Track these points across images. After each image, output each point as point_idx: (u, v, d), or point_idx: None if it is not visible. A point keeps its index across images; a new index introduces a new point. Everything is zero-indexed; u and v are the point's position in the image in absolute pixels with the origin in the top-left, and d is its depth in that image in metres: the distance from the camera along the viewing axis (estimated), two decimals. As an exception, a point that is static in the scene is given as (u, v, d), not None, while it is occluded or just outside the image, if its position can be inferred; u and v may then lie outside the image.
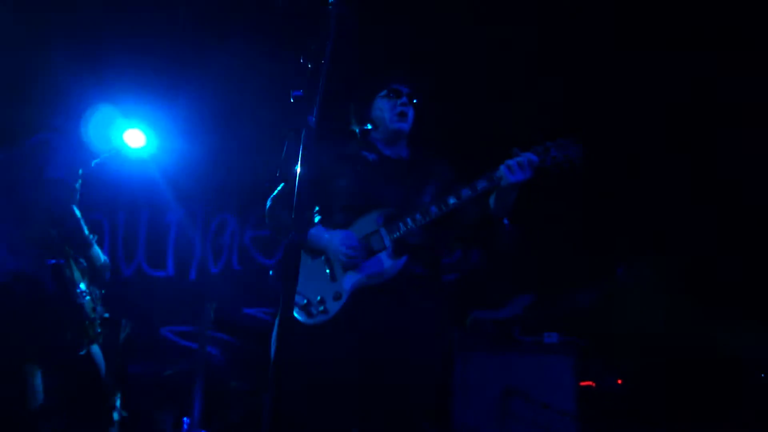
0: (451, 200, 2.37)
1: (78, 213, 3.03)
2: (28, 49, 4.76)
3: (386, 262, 2.36)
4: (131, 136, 5.82)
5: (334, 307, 2.33)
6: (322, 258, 2.42)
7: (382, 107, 2.61)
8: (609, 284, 4.61)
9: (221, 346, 5.36)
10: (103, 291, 3.33)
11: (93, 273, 3.19)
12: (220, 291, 5.67)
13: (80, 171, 3.09)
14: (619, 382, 4.94)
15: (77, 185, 3.06)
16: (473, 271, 5.22)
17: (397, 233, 2.37)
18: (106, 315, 4.46)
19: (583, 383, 4.89)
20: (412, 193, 2.52)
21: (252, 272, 5.95)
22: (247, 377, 4.72)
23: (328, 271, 2.39)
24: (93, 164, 3.22)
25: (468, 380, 3.76)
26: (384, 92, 2.61)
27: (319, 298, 2.33)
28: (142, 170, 5.98)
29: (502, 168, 2.32)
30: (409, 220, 2.38)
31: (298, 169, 1.82)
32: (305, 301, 2.33)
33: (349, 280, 2.36)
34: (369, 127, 2.64)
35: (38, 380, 3.10)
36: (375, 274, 2.35)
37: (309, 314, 2.31)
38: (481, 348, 3.89)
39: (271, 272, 2.48)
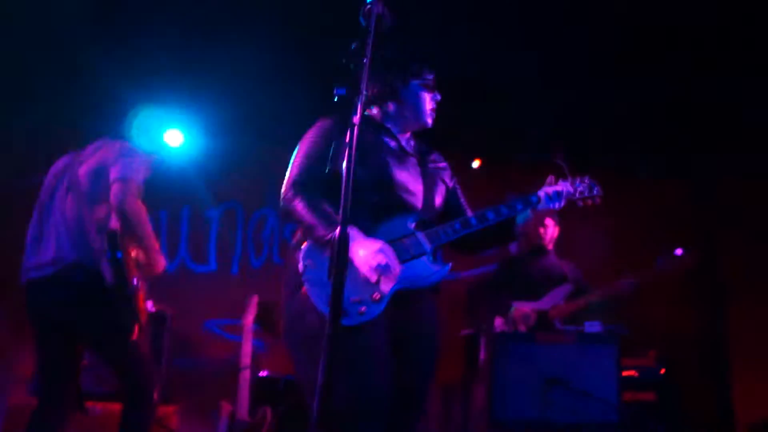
0: (490, 215, 2.42)
1: (142, 212, 3.16)
2: (65, 49, 4.87)
3: (430, 267, 2.31)
4: (170, 136, 6.00)
5: (374, 309, 2.21)
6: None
7: (420, 94, 2.47)
8: (648, 273, 4.57)
9: (264, 338, 5.48)
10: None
11: (147, 269, 3.31)
12: (262, 284, 5.75)
13: (143, 171, 3.22)
14: (662, 372, 4.93)
15: (141, 184, 3.20)
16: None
17: (438, 241, 2.34)
18: (152, 309, 4.64)
19: (625, 373, 4.90)
20: (431, 191, 2.48)
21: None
22: (289, 368, 4.80)
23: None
24: (152, 164, 3.33)
25: (508, 371, 3.77)
26: (427, 78, 2.48)
27: (356, 297, 2.20)
28: (182, 168, 6.14)
29: (540, 194, 2.52)
30: (449, 230, 2.37)
31: (344, 164, 1.83)
32: None
33: (389, 284, 2.24)
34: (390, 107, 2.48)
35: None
36: (419, 278, 2.30)
37: (346, 314, 2.15)
38: (520, 339, 3.90)
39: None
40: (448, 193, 2.60)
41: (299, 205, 2.26)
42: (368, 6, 1.96)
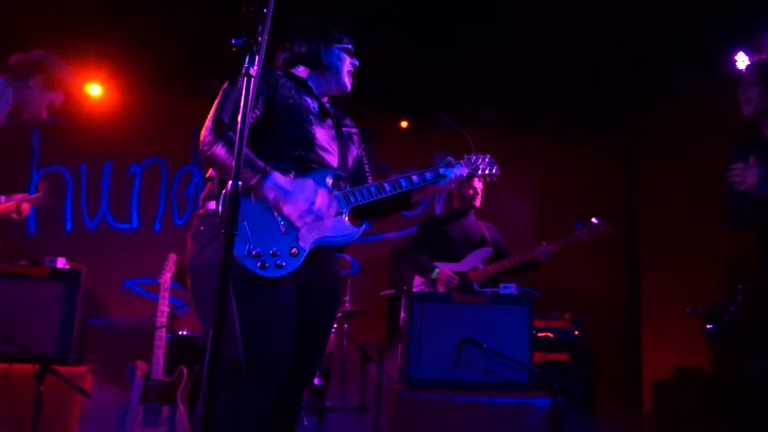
0: (404, 183, 2.52)
1: None
2: None
3: (348, 226, 2.35)
4: (90, 88, 5.78)
5: (291, 263, 2.20)
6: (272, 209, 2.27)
7: (341, 57, 2.54)
8: (566, 239, 4.67)
9: (183, 296, 5.40)
10: None
11: None
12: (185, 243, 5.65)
13: None
14: (576, 333, 5.10)
15: None
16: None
17: (354, 202, 2.39)
18: (66, 266, 4.51)
19: (541, 334, 5.04)
20: (345, 151, 2.55)
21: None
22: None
23: (282, 222, 2.24)
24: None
25: (424, 331, 3.81)
26: (347, 45, 2.57)
27: (273, 250, 2.19)
28: (104, 122, 5.93)
29: (447, 170, 2.61)
30: (365, 192, 2.43)
31: (240, 118, 1.80)
32: (258, 250, 2.17)
33: (309, 238, 2.25)
34: (315, 71, 2.54)
35: None
36: (337, 237, 2.33)
37: (263, 265, 2.16)
38: (437, 299, 3.95)
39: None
40: (358, 157, 2.68)
41: (221, 151, 2.17)
42: None
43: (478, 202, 4.91)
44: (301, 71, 2.54)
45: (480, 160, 2.78)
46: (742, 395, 3.93)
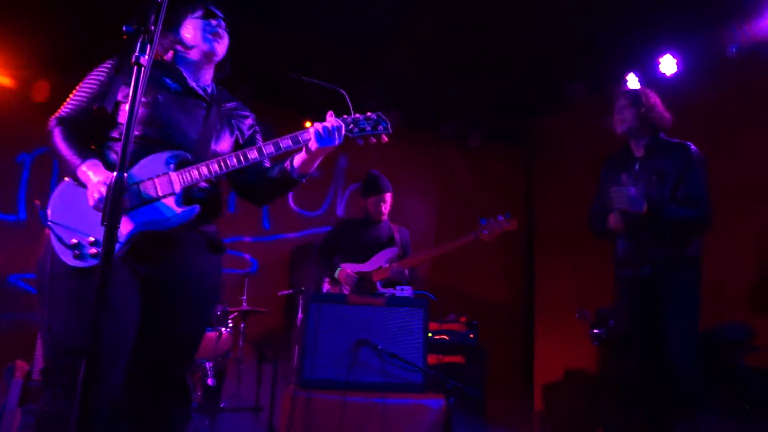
0: (251, 155, 2.31)
1: None
2: None
3: (172, 210, 2.20)
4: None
5: None
6: (97, 196, 2.15)
7: (195, 26, 2.46)
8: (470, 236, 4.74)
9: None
10: None
11: None
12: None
13: None
14: (471, 336, 5.21)
15: None
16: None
17: (190, 181, 2.23)
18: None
19: (437, 337, 5.12)
20: (209, 135, 2.39)
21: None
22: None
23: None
24: None
25: (319, 332, 3.80)
26: (199, 13, 2.47)
27: (92, 240, 2.12)
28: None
29: (311, 131, 2.34)
30: (204, 168, 2.25)
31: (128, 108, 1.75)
32: (74, 241, 2.12)
33: (127, 225, 2.15)
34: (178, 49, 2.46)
35: None
36: (155, 221, 2.18)
37: (78, 256, 2.10)
38: (333, 300, 3.94)
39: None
40: (244, 142, 2.55)
41: (57, 138, 2.23)
42: None
43: (384, 216, 4.95)
44: (170, 56, 2.49)
45: (362, 119, 2.42)
46: (625, 395, 4.13)
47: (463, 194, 6.67)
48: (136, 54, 1.75)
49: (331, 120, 2.36)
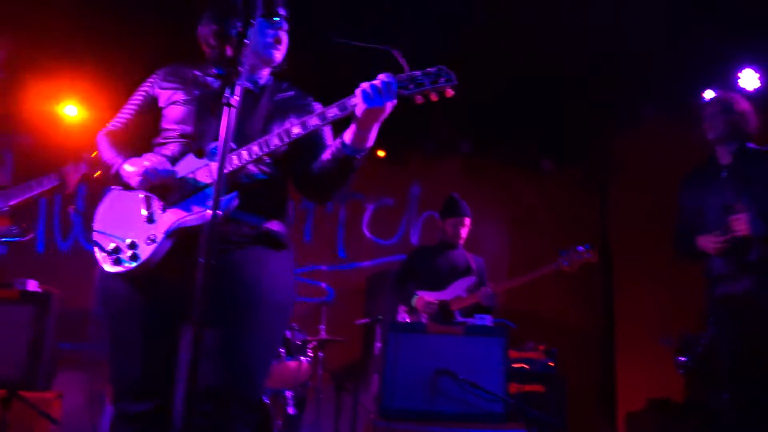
0: (295, 130, 2.06)
1: None
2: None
3: (210, 198, 1.94)
4: (65, 108, 5.74)
5: (145, 252, 2.01)
6: (142, 196, 2.11)
7: (255, 26, 2.14)
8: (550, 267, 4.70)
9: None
10: None
11: None
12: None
13: None
14: (551, 364, 5.11)
15: None
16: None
17: (230, 168, 2.03)
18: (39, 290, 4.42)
19: (516, 365, 5.04)
20: (255, 126, 2.19)
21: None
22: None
23: (144, 212, 2.08)
24: None
25: (399, 361, 3.79)
26: (260, 11, 2.17)
27: (129, 242, 2.03)
28: (79, 143, 5.87)
29: (357, 92, 2.00)
30: (245, 152, 2.06)
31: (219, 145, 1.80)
32: (113, 246, 2.03)
33: (166, 221, 2.04)
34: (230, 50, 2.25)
35: None
36: (196, 213, 2.03)
37: (116, 261, 2.02)
38: (412, 329, 3.94)
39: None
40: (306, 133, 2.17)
41: (101, 146, 2.27)
42: None
43: (461, 241, 4.97)
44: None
45: (420, 74, 2.02)
46: (713, 426, 3.97)
47: (535, 220, 6.58)
48: (227, 95, 1.82)
49: (381, 77, 2.00)
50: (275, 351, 2.47)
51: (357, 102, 1.99)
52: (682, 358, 4.61)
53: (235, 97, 1.83)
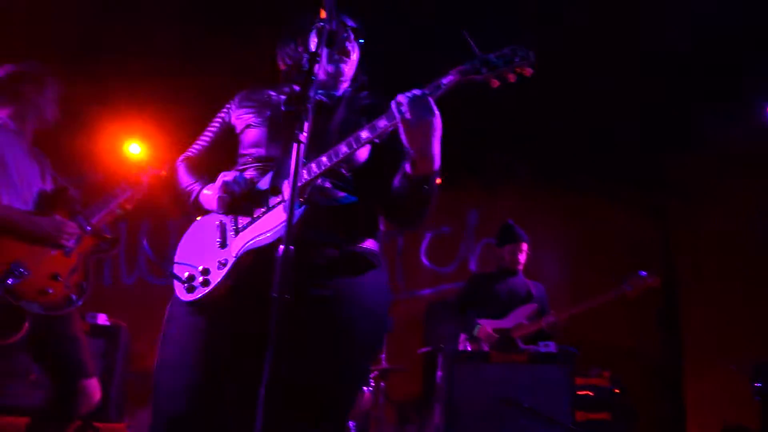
0: (364, 135, 1.92)
1: None
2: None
3: (281, 215, 1.91)
4: (130, 147, 5.94)
5: (216, 276, 1.95)
6: (217, 223, 2.06)
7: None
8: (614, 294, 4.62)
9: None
10: None
11: None
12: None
13: None
14: (617, 391, 4.98)
15: None
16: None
17: (299, 182, 1.80)
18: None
19: (580, 392, 4.93)
20: (329, 139, 2.03)
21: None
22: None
23: (219, 238, 2.02)
24: None
25: (462, 390, 3.76)
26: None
27: (202, 268, 1.98)
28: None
29: (391, 104, 1.88)
30: (314, 165, 1.93)
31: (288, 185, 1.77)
32: (188, 275, 1.98)
33: (238, 243, 1.96)
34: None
35: None
36: (265, 231, 1.93)
37: (189, 290, 1.97)
38: (475, 358, 3.91)
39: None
40: (379, 142, 2.04)
41: (180, 173, 2.24)
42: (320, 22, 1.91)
43: (520, 266, 4.94)
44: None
45: (493, 55, 1.87)
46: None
47: (596, 244, 6.47)
48: (296, 132, 1.82)
49: (411, 91, 1.86)
50: (362, 386, 2.33)
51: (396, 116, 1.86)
52: (758, 384, 4.46)
53: (303, 133, 1.83)
